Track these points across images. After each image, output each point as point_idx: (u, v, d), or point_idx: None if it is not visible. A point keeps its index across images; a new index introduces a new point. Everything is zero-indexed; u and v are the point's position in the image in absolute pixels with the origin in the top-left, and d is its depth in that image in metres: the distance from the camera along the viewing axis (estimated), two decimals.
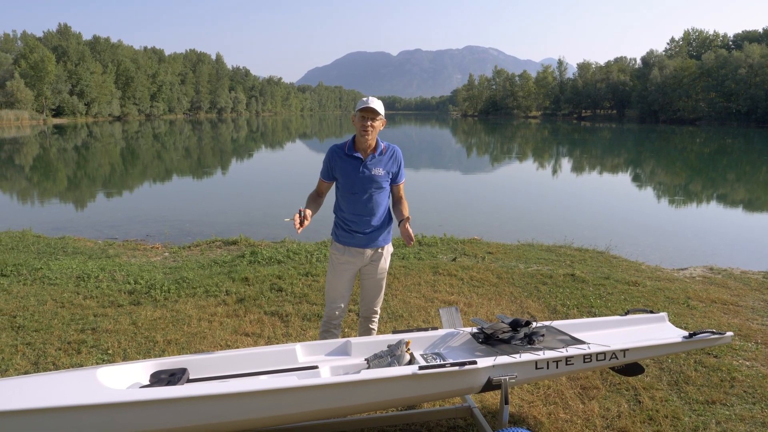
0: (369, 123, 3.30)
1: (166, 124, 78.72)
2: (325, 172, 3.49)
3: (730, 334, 3.25)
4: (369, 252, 3.50)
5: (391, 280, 6.03)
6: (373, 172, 3.40)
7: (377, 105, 3.33)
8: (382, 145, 3.44)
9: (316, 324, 4.75)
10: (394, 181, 3.53)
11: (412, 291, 5.70)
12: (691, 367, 3.99)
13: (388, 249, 3.60)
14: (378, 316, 3.72)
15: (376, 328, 3.70)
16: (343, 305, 3.57)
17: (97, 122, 79.43)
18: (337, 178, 3.47)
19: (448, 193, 16.78)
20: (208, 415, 2.43)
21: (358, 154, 3.39)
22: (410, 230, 3.37)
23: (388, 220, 3.56)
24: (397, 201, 3.61)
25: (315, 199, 3.53)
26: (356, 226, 3.44)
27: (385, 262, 3.59)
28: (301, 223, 3.17)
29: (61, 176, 21.03)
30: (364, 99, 3.38)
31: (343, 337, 4.04)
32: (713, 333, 3.21)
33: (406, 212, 3.54)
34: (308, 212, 3.27)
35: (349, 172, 3.40)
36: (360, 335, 3.71)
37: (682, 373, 3.89)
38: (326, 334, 3.59)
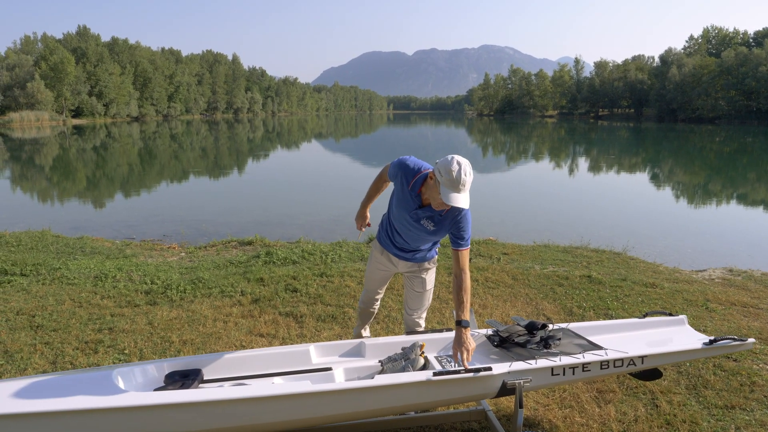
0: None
1: (183, 124, 79.40)
2: (391, 176, 3.17)
3: (752, 340, 3.19)
4: (405, 263, 3.37)
5: None
6: (422, 223, 3.06)
7: (467, 197, 2.81)
8: None
9: (330, 325, 4.75)
10: (452, 243, 3.03)
11: None
12: (709, 371, 3.93)
13: (430, 264, 3.40)
14: (422, 329, 3.53)
15: None
16: (378, 297, 3.63)
17: (115, 123, 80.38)
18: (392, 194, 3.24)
19: None
20: (222, 418, 2.44)
21: (420, 197, 3.02)
22: (467, 344, 2.83)
23: (432, 245, 3.34)
24: (455, 275, 3.00)
25: (378, 186, 3.42)
26: (399, 241, 3.29)
27: (427, 275, 3.38)
28: (364, 220, 3.56)
29: (80, 176, 21.31)
30: (455, 173, 2.72)
31: (374, 332, 4.05)
32: (735, 339, 3.15)
33: (465, 305, 2.93)
34: (367, 216, 3.55)
35: (402, 205, 3.10)
36: None
37: (701, 377, 3.83)
38: (363, 311, 3.69)
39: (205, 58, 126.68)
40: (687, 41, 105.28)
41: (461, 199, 2.78)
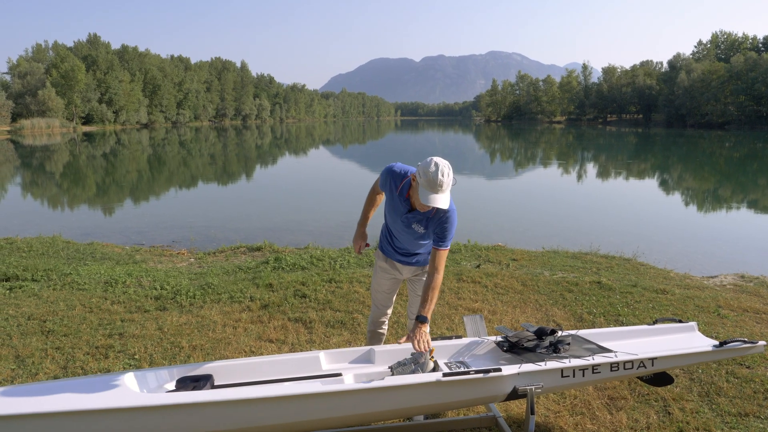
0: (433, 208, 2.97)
1: (191, 131, 79.89)
2: (381, 185, 3.24)
3: (762, 343, 3.17)
4: (409, 268, 3.39)
5: None
6: (413, 227, 3.13)
7: (446, 198, 2.86)
8: None
9: (339, 331, 4.75)
10: (433, 241, 3.09)
11: None
12: (722, 377, 3.89)
13: None
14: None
15: None
16: (387, 310, 3.56)
17: (125, 129, 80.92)
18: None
19: (472, 199, 16.68)
20: (234, 420, 2.45)
21: (408, 201, 3.09)
22: (421, 336, 2.86)
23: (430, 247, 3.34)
24: (429, 272, 3.08)
25: (372, 200, 3.44)
26: (398, 246, 3.33)
27: None
28: (362, 240, 3.47)
29: (89, 183, 21.46)
30: (432, 174, 2.79)
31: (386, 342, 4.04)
32: (745, 342, 3.13)
33: (428, 303, 3.00)
34: (365, 235, 3.48)
35: (394, 211, 3.17)
36: None
37: (714, 384, 3.79)
38: (373, 334, 3.59)
39: (214, 65, 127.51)
40: (696, 46, 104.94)
41: (440, 200, 2.82)
